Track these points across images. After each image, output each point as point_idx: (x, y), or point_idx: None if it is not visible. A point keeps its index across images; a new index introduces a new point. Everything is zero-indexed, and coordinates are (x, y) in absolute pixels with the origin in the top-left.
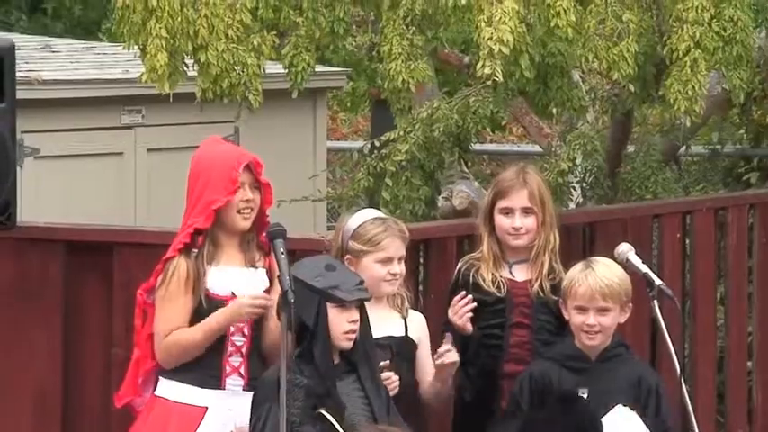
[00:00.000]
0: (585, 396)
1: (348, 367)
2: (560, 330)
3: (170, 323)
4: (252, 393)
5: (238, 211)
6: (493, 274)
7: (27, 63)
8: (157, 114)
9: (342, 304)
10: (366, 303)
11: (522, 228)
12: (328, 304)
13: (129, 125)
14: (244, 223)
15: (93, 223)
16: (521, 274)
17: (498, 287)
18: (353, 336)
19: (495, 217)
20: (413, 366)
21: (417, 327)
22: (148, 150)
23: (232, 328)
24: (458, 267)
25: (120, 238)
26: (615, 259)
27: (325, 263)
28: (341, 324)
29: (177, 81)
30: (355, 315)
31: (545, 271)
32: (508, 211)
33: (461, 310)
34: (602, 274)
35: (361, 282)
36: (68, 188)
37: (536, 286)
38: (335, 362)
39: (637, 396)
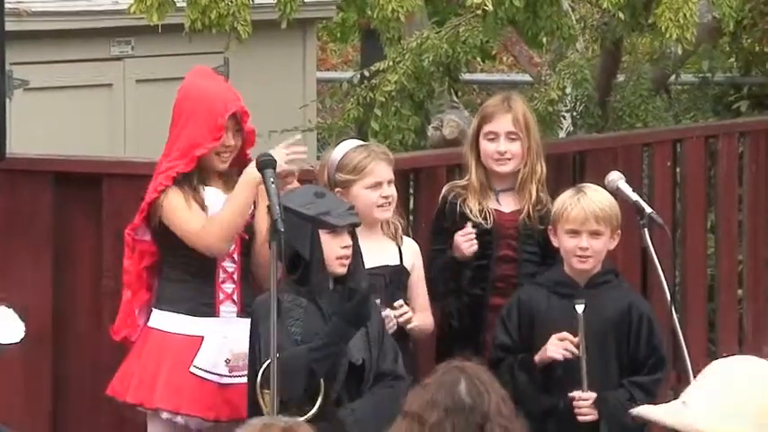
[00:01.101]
0: (582, 309)
1: (342, 294)
2: (545, 261)
3: (197, 218)
4: (245, 320)
5: (217, 154)
6: (480, 203)
7: None
8: (147, 45)
9: (333, 230)
10: (361, 233)
11: (506, 152)
12: (320, 231)
13: (119, 56)
14: (222, 166)
15: (83, 154)
16: (507, 204)
17: (485, 218)
18: (347, 261)
19: (481, 142)
20: (407, 294)
21: (411, 254)
22: (137, 81)
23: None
24: (442, 195)
25: (110, 169)
26: (605, 187)
27: (315, 191)
28: (334, 250)
29: (166, 12)
30: (347, 240)
31: (532, 201)
32: (493, 136)
33: (468, 240)
34: (594, 198)
35: (352, 207)
36: (58, 120)
37: (523, 216)
38: (330, 288)
39: (627, 323)
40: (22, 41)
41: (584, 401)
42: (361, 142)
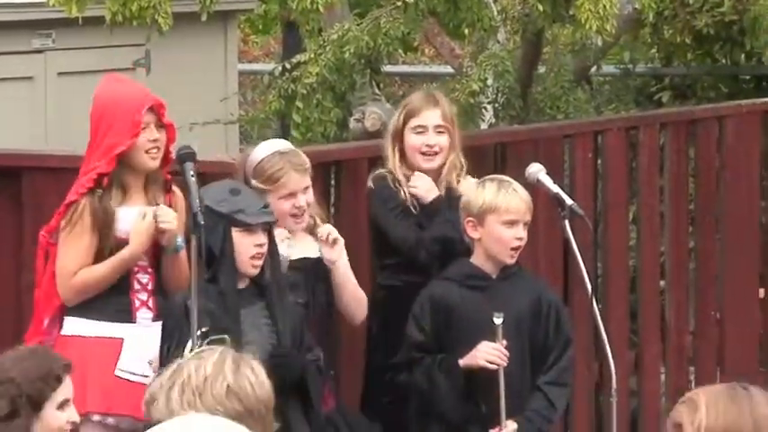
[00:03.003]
0: (501, 321)
1: (256, 291)
2: None
3: (75, 262)
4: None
5: (146, 152)
6: (404, 192)
7: None
8: (68, 38)
9: (247, 228)
10: (281, 232)
11: (435, 145)
12: (234, 229)
13: (40, 49)
14: (152, 163)
15: (3, 147)
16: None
17: (414, 205)
18: (260, 260)
19: (407, 137)
20: (328, 287)
21: (330, 247)
22: (59, 74)
23: (135, 267)
24: (375, 179)
25: (30, 162)
26: (526, 179)
27: (230, 187)
28: (247, 248)
29: (86, 4)
30: (262, 239)
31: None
32: (421, 130)
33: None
34: (522, 190)
35: (266, 205)
36: None
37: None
38: (243, 286)
39: (538, 311)
40: None
41: None
42: (281, 146)
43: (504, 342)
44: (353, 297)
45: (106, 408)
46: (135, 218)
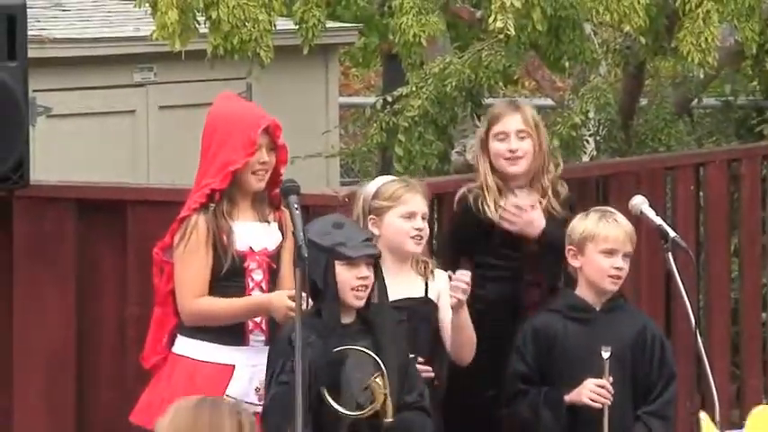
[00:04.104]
0: (608, 355)
1: (363, 327)
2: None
3: (195, 281)
4: None
5: (253, 173)
6: (496, 202)
7: (38, 21)
8: (169, 72)
9: (349, 261)
10: (389, 268)
11: (518, 149)
12: (337, 262)
13: (141, 83)
14: (258, 184)
15: (106, 181)
16: (523, 197)
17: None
18: (364, 293)
19: (491, 144)
20: (432, 327)
21: (439, 290)
22: (160, 108)
23: (251, 284)
24: (459, 198)
25: (133, 195)
26: (630, 211)
27: (334, 221)
28: (350, 280)
29: (188, 38)
30: (365, 272)
31: (550, 193)
32: (503, 136)
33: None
34: (624, 221)
35: (369, 238)
36: (81, 147)
37: (544, 205)
38: (350, 321)
39: (642, 344)
40: (45, 68)
41: None
42: (401, 181)
43: (611, 379)
44: (470, 340)
45: None
46: (282, 296)
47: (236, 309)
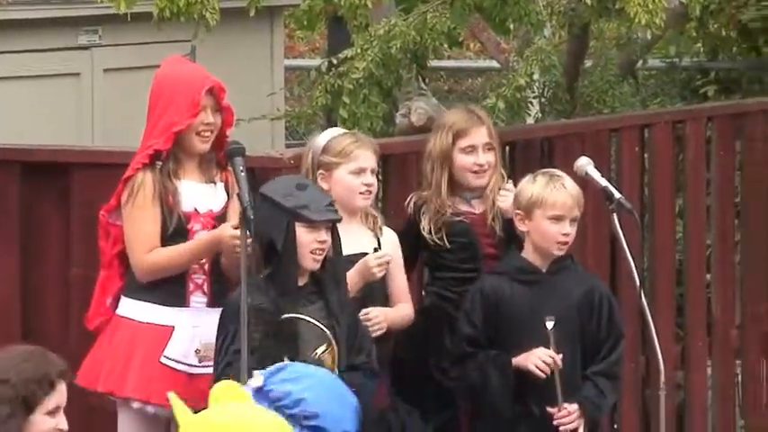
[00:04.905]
0: (552, 325)
1: (315, 290)
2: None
3: (146, 237)
4: (216, 310)
5: (198, 134)
6: (456, 212)
7: None
8: (114, 34)
9: (310, 224)
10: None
11: (485, 164)
12: (297, 224)
13: (86, 45)
14: (202, 146)
15: (50, 144)
16: (478, 205)
17: (440, 230)
18: (321, 256)
19: (456, 157)
20: (385, 283)
21: (390, 244)
22: (105, 70)
23: (201, 233)
24: (411, 205)
25: (77, 158)
26: (575, 173)
27: (297, 182)
28: (309, 244)
29: (134, 1)
30: (324, 236)
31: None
32: (471, 149)
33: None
34: (572, 185)
35: (332, 203)
36: (25, 110)
37: (493, 213)
38: (303, 283)
39: (590, 305)
40: None
41: (567, 415)
42: (350, 136)
43: (560, 356)
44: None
45: (146, 396)
46: (227, 228)
47: (187, 251)
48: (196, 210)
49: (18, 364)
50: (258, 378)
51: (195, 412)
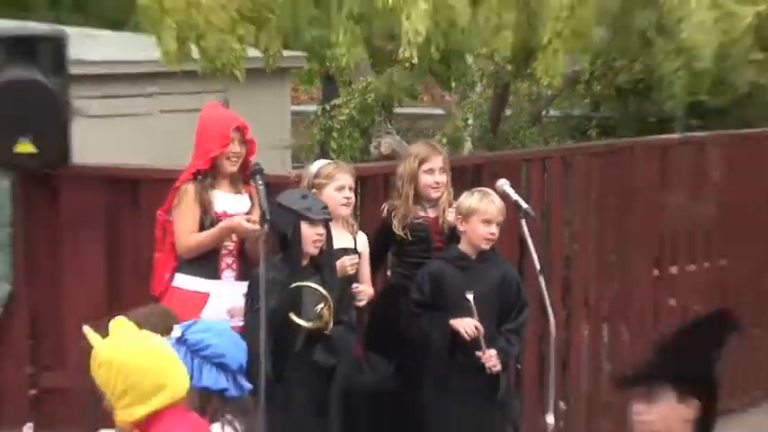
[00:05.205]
0: (471, 297)
1: (314, 269)
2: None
3: (186, 230)
4: (241, 283)
5: (228, 159)
6: (416, 217)
7: (74, 47)
8: (169, 86)
9: (311, 222)
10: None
11: (441, 182)
12: (302, 222)
13: (152, 93)
14: (232, 168)
15: (126, 163)
16: (432, 212)
17: (408, 226)
18: (319, 245)
19: (421, 177)
20: (359, 275)
21: (361, 243)
22: (161, 111)
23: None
24: (386, 209)
25: (147, 174)
26: (496, 190)
27: (301, 194)
28: (311, 236)
29: (184, 61)
30: (321, 230)
31: (445, 211)
32: (431, 171)
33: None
34: (498, 200)
35: (325, 207)
36: (109, 139)
37: (442, 219)
38: (305, 264)
39: (504, 283)
40: (82, 81)
41: (489, 357)
42: (334, 164)
43: (476, 315)
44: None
45: None
46: (239, 219)
47: (210, 235)
48: (225, 212)
49: (148, 317)
50: (177, 330)
51: None
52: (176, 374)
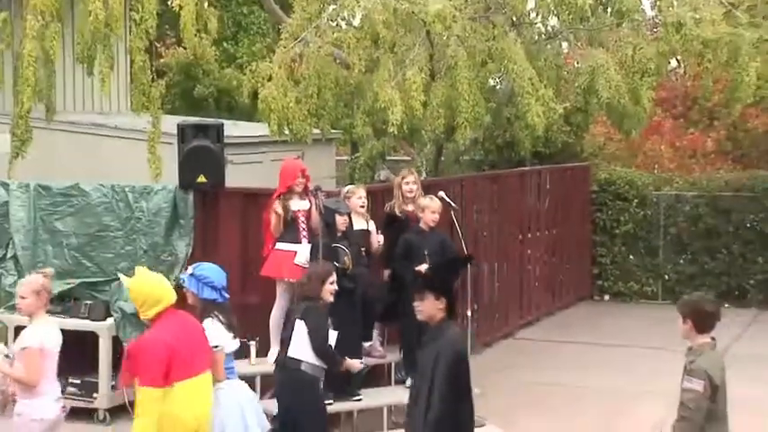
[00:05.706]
0: (427, 252)
1: (344, 239)
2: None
3: (277, 222)
4: (309, 244)
5: (296, 185)
6: (402, 209)
7: (227, 129)
8: (274, 147)
9: (340, 213)
10: (353, 217)
11: (413, 190)
12: (336, 214)
13: (264, 151)
14: (298, 189)
15: (250, 187)
16: (411, 207)
17: (406, 216)
18: (344, 227)
19: (403, 187)
20: (368, 243)
21: (371, 225)
22: (271, 161)
23: (300, 227)
24: (388, 207)
25: (260, 192)
26: (438, 196)
27: (335, 200)
28: (340, 221)
29: (280, 135)
30: (345, 219)
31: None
32: (408, 183)
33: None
34: (438, 201)
35: (347, 206)
36: (243, 175)
37: (417, 213)
38: (338, 235)
39: (442, 245)
40: (230, 145)
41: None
42: (356, 186)
43: (427, 261)
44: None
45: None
46: (299, 205)
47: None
48: (297, 210)
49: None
50: (190, 269)
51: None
52: (167, 292)
